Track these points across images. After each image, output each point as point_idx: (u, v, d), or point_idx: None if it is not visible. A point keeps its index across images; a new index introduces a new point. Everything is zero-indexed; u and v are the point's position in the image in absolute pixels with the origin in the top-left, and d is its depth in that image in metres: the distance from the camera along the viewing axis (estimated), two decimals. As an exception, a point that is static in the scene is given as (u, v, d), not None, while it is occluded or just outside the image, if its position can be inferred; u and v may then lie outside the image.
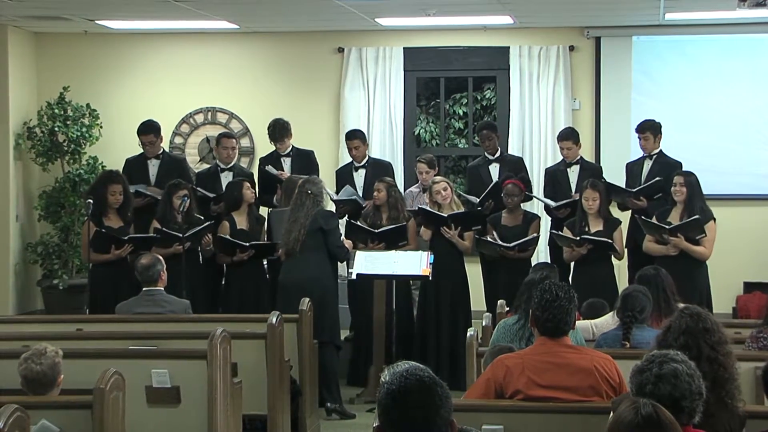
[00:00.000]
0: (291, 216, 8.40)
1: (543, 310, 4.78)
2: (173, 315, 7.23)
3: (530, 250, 9.21)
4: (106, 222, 8.94)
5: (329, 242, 8.39)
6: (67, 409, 4.83)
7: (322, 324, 8.15)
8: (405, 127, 12.15)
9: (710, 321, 4.43)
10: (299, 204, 8.39)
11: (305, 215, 8.32)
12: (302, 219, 8.32)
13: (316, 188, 8.45)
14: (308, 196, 8.37)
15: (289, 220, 8.40)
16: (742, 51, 11.64)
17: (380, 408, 2.99)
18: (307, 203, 8.35)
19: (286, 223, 8.43)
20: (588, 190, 8.79)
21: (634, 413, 3.33)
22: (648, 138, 9.58)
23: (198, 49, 12.30)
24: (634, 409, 3.35)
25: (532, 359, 4.76)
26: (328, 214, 8.57)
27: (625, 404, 3.42)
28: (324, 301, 8.23)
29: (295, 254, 8.32)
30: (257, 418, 6.95)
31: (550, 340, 4.80)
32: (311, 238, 8.30)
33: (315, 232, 8.31)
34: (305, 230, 8.28)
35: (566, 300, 4.81)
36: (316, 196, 8.39)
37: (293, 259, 8.34)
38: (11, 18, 11.31)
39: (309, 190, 8.40)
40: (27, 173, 12.11)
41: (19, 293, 11.91)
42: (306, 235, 8.28)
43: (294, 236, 8.30)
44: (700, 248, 8.53)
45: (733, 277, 11.26)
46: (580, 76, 11.93)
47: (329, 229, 8.41)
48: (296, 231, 8.30)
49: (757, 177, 11.60)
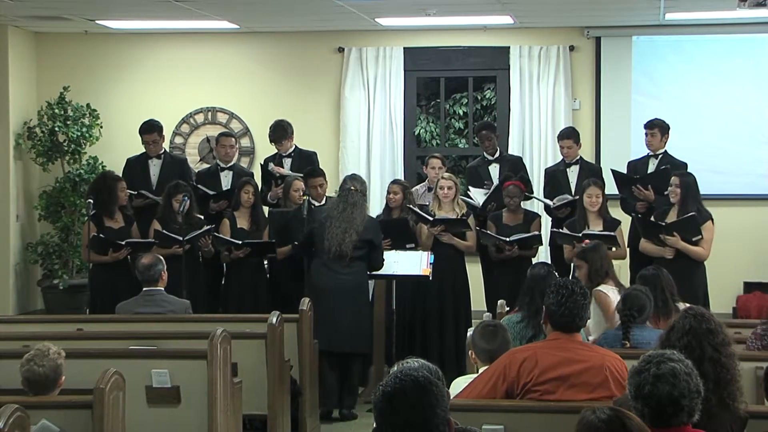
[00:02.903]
0: (343, 214, 8.09)
1: (559, 305, 4.79)
2: (173, 315, 7.23)
3: (534, 250, 9.19)
4: (109, 223, 8.94)
5: (375, 257, 8.24)
6: (67, 409, 4.84)
7: (363, 334, 8.17)
8: (405, 127, 12.15)
9: (714, 322, 4.43)
10: (351, 203, 8.12)
11: (361, 217, 8.11)
12: (358, 221, 8.08)
13: (362, 186, 8.26)
14: (357, 193, 8.14)
15: (340, 217, 8.09)
16: (742, 51, 11.64)
17: (377, 410, 2.99)
18: (360, 202, 8.13)
19: (335, 220, 8.10)
20: (591, 188, 8.78)
21: (594, 417, 3.37)
22: (655, 135, 9.55)
23: (198, 49, 12.30)
24: (592, 412, 3.41)
25: (545, 353, 4.76)
26: (378, 227, 8.40)
27: (586, 410, 3.46)
28: (364, 312, 8.22)
29: (346, 257, 8.11)
30: (257, 418, 6.96)
31: (563, 335, 4.80)
32: (360, 245, 8.11)
33: (365, 242, 8.13)
34: (358, 236, 8.07)
35: (581, 295, 4.84)
36: (363, 195, 8.21)
37: (339, 263, 8.12)
38: (11, 18, 11.31)
39: (355, 187, 8.17)
40: (27, 173, 12.11)
41: (19, 293, 11.91)
42: (358, 240, 8.07)
43: (351, 239, 8.05)
44: (697, 249, 8.52)
45: (733, 277, 11.26)
46: (580, 76, 11.93)
47: (379, 244, 8.28)
48: (353, 234, 8.05)
49: (757, 177, 11.60)
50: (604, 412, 3.40)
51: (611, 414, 3.39)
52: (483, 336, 5.25)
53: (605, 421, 3.37)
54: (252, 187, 9.21)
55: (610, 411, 3.41)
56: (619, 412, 3.43)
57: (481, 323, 5.52)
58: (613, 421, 3.36)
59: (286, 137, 9.98)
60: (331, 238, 8.09)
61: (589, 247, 7.48)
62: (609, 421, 3.36)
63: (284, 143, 9.97)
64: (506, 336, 5.26)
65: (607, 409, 3.44)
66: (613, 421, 3.36)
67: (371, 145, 12.01)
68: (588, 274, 7.17)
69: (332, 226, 8.11)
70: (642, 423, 3.44)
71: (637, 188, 9.20)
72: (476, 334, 5.30)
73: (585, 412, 3.45)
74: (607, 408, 3.45)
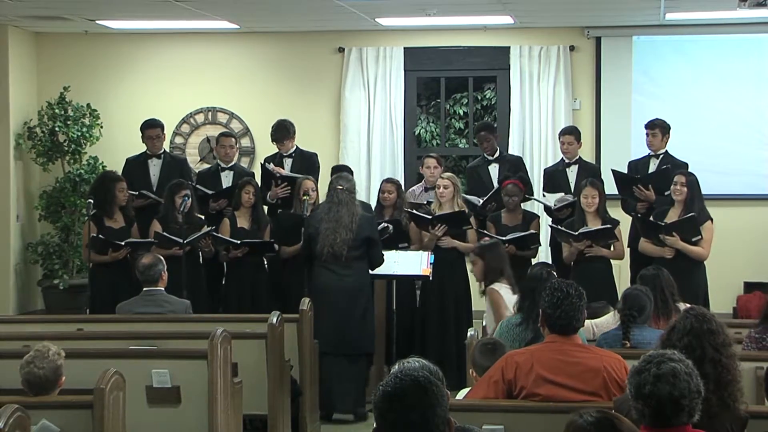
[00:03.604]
0: (329, 214, 8.04)
1: (555, 308, 4.78)
2: (173, 315, 7.23)
3: (534, 250, 9.19)
4: (108, 223, 8.95)
5: (374, 253, 8.16)
6: (67, 409, 4.84)
7: (368, 334, 8.16)
8: (405, 127, 12.15)
9: (715, 323, 4.42)
10: (336, 201, 8.06)
11: (349, 215, 8.02)
12: (347, 219, 7.99)
13: (349, 184, 8.19)
14: (343, 192, 8.07)
15: (327, 218, 8.04)
16: (742, 51, 11.64)
17: (377, 410, 2.99)
18: (347, 200, 8.05)
19: (323, 222, 8.04)
20: (587, 188, 8.78)
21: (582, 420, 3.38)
22: (656, 135, 9.55)
23: (198, 49, 12.30)
24: (579, 416, 3.42)
25: (542, 356, 4.75)
26: (374, 222, 8.36)
27: (574, 414, 3.47)
28: (368, 312, 8.19)
29: (341, 257, 8.05)
30: (257, 418, 6.96)
31: (561, 338, 4.80)
32: (358, 244, 8.03)
33: (363, 240, 8.05)
34: (353, 234, 7.99)
35: (577, 297, 4.82)
36: (351, 193, 8.12)
37: (337, 263, 8.05)
38: (11, 18, 11.31)
39: (341, 186, 8.11)
40: (27, 173, 12.12)
41: (19, 293, 11.91)
42: (353, 240, 7.99)
43: (342, 238, 7.97)
44: (697, 249, 8.52)
45: (733, 277, 11.27)
46: (580, 76, 11.93)
47: (377, 239, 8.21)
48: (343, 233, 7.97)
49: (757, 177, 11.60)
50: (592, 415, 3.41)
51: (599, 416, 3.40)
52: (483, 354, 5.27)
53: (593, 423, 3.37)
54: (253, 187, 9.20)
55: (597, 413, 3.43)
56: (607, 413, 3.44)
57: (480, 341, 5.53)
58: (601, 423, 3.37)
59: (288, 137, 9.97)
60: (323, 240, 8.04)
61: (487, 244, 7.79)
62: (597, 423, 3.37)
63: (286, 143, 9.97)
64: (505, 352, 5.26)
65: (594, 411, 3.45)
66: (601, 423, 3.37)
67: (371, 145, 12.01)
68: (483, 271, 7.43)
69: (322, 228, 8.06)
70: (632, 425, 3.45)
71: (638, 188, 9.19)
72: (476, 352, 5.31)
73: (573, 416, 3.46)
74: (594, 410, 3.46)
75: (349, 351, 8.07)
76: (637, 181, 9.24)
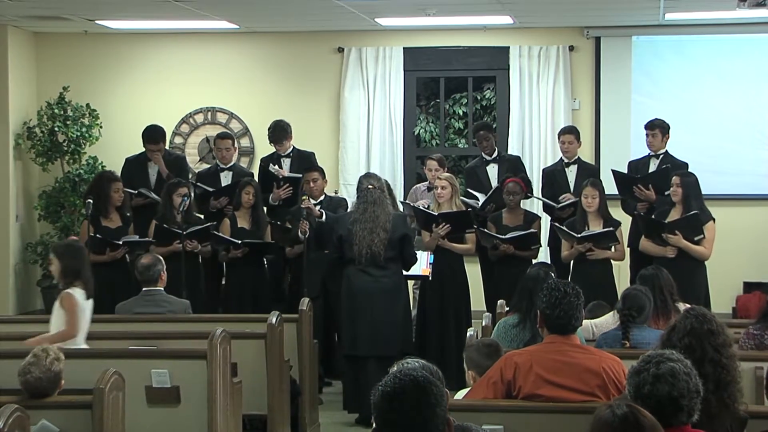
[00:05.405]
0: (365, 215, 7.85)
1: (553, 308, 4.76)
2: (173, 315, 7.23)
3: (534, 251, 9.17)
4: (105, 222, 8.94)
5: (407, 251, 7.98)
6: (67, 409, 4.84)
7: (407, 335, 8.11)
8: (405, 127, 12.15)
9: (715, 323, 4.42)
10: (371, 201, 7.86)
11: (385, 214, 7.86)
12: (383, 218, 7.83)
13: (379, 182, 8.02)
14: (375, 190, 7.89)
15: (363, 219, 7.84)
16: (742, 51, 11.64)
17: (376, 410, 2.99)
18: (380, 199, 7.87)
19: (358, 223, 7.84)
20: (588, 188, 8.78)
21: (611, 414, 3.35)
22: (656, 135, 9.56)
23: (198, 49, 12.30)
24: (609, 409, 3.38)
25: (541, 357, 4.74)
26: (407, 219, 8.23)
27: (603, 406, 3.44)
28: (407, 313, 8.14)
29: (380, 257, 7.85)
30: (257, 418, 6.95)
31: (559, 338, 4.78)
32: (393, 244, 7.87)
33: (398, 238, 7.89)
34: (388, 234, 7.82)
35: (574, 296, 4.81)
36: (382, 191, 7.95)
37: (374, 265, 7.87)
38: (11, 18, 11.31)
39: (372, 185, 7.94)
40: (27, 173, 12.11)
41: (19, 293, 11.91)
42: (389, 239, 7.82)
43: (380, 239, 7.80)
44: (699, 248, 8.52)
45: (732, 277, 11.27)
46: (580, 76, 11.93)
47: (412, 235, 8.07)
48: (381, 233, 7.81)
49: (757, 177, 11.61)
50: (621, 408, 3.37)
51: (627, 411, 3.36)
52: (481, 354, 5.24)
53: (621, 417, 3.34)
54: (253, 187, 9.20)
55: (627, 408, 3.38)
56: (634, 408, 3.38)
57: (478, 342, 5.50)
58: (627, 419, 3.34)
59: (286, 137, 9.97)
60: (360, 241, 7.85)
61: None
62: (624, 419, 3.34)
63: (284, 143, 9.96)
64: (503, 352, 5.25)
65: (624, 405, 3.40)
66: (627, 419, 3.34)
67: (371, 145, 12.01)
68: (61, 271, 6.73)
69: (358, 229, 7.86)
70: (655, 420, 3.41)
71: (638, 188, 9.19)
72: (474, 353, 5.28)
73: (601, 408, 3.42)
74: (624, 404, 3.41)
75: (391, 353, 7.56)
76: (637, 181, 9.24)
